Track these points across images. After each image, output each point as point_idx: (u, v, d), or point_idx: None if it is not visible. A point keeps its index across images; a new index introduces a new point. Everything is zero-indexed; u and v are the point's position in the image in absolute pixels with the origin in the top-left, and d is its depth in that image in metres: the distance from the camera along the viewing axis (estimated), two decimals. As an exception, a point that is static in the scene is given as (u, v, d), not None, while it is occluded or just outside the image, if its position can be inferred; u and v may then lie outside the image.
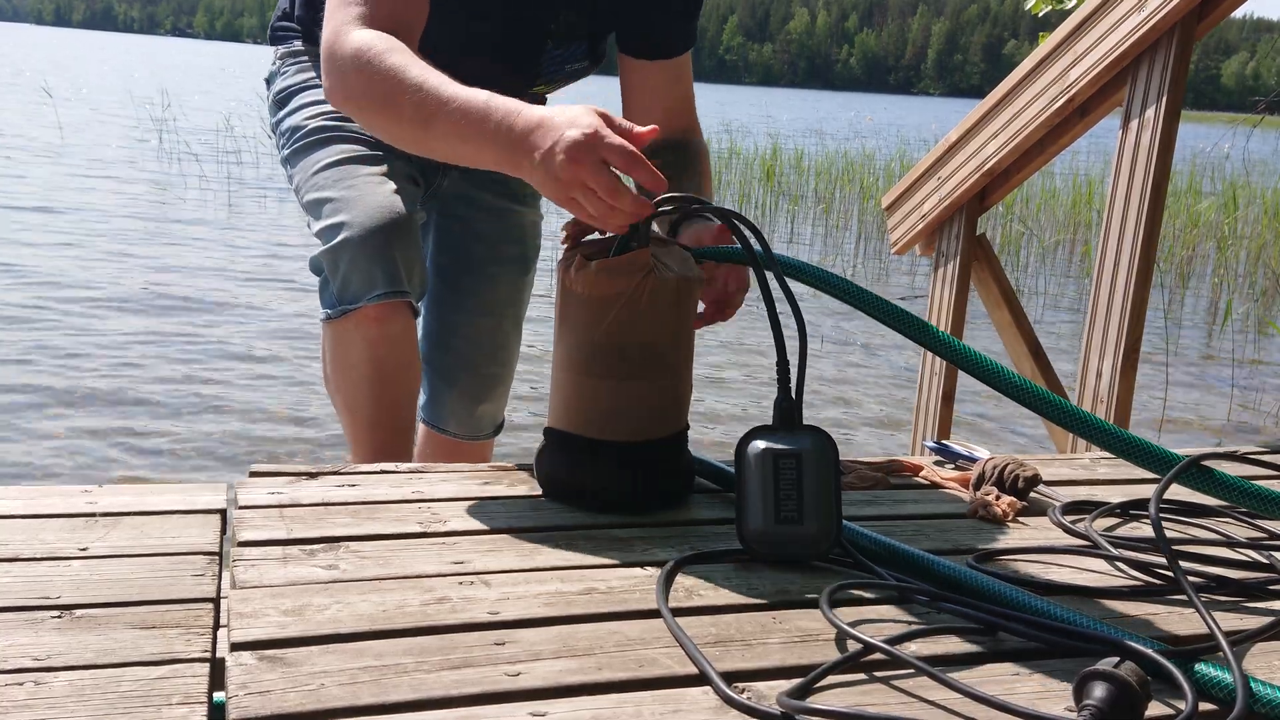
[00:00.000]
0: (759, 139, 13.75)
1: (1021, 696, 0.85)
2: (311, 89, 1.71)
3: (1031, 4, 4.68)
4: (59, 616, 0.92)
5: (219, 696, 0.82)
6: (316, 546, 1.08)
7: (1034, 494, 1.37)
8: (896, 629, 0.96)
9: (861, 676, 0.88)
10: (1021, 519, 1.30)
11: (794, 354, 1.14)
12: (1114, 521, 1.31)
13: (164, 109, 14.58)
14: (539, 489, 1.29)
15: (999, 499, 1.31)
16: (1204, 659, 0.89)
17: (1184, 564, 1.15)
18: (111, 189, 8.74)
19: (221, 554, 1.08)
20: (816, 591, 1.01)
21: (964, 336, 2.61)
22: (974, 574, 1.05)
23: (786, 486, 1.07)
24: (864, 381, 4.77)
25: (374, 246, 1.55)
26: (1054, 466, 1.54)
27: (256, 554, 1.05)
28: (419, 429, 1.91)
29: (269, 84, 1.81)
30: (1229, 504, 1.15)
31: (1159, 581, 1.11)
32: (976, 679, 0.87)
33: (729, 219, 1.21)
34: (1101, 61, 2.08)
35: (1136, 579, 1.12)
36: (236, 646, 0.87)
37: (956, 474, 1.44)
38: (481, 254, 1.86)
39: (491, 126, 1.21)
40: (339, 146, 1.63)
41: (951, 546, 1.19)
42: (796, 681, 0.84)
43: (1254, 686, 0.86)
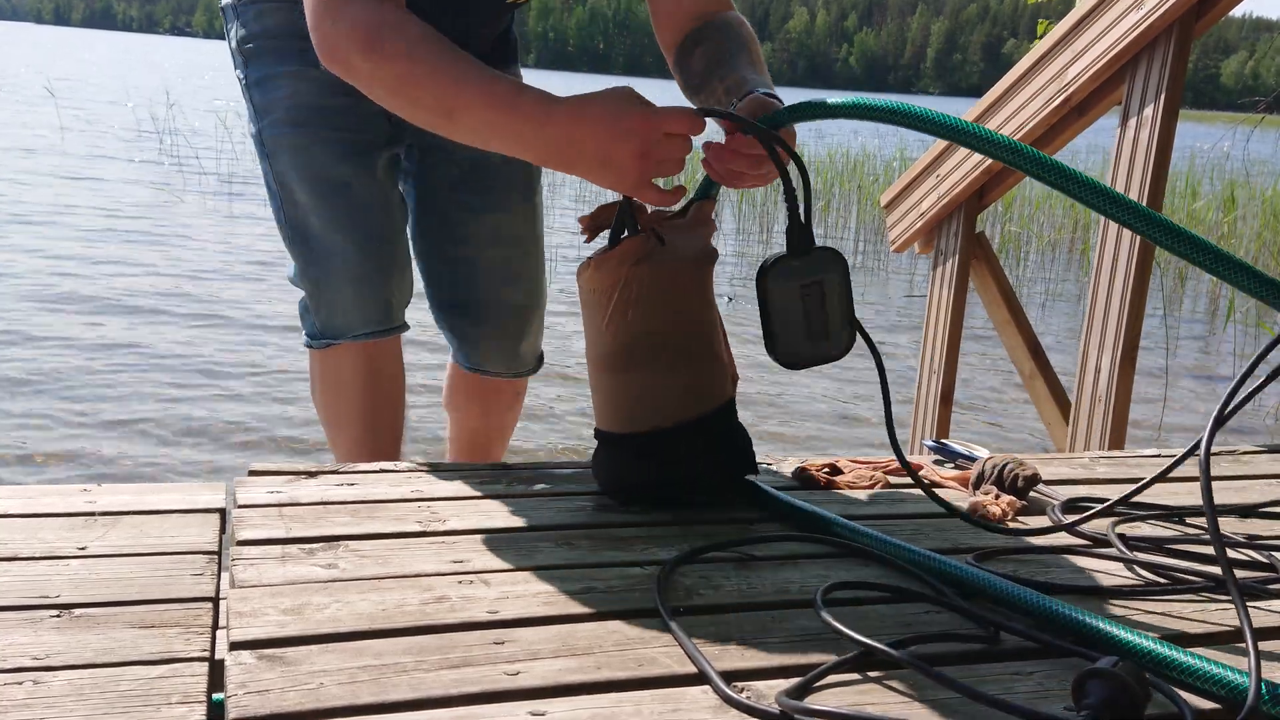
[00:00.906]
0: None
1: (1020, 696, 0.85)
2: (276, 51, 1.56)
3: None
4: (58, 616, 0.92)
5: (218, 696, 0.82)
6: (316, 545, 1.08)
7: (1033, 493, 1.37)
8: (896, 628, 0.96)
9: (860, 676, 0.88)
10: (1021, 518, 1.30)
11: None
12: (1114, 521, 1.31)
13: (167, 108, 14.57)
14: (538, 489, 1.29)
15: (998, 498, 1.31)
16: (1203, 657, 0.89)
17: (1183, 563, 1.15)
18: (110, 189, 8.73)
19: (220, 553, 1.08)
20: (815, 592, 1.01)
21: (962, 335, 2.61)
22: (976, 572, 1.05)
23: (813, 306, 1.19)
24: (863, 381, 4.77)
25: (364, 285, 1.57)
26: (1053, 466, 1.54)
27: (255, 553, 1.05)
28: (449, 370, 1.86)
29: (225, 19, 1.63)
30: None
31: (1161, 580, 1.11)
32: (976, 678, 0.87)
33: (756, 131, 1.18)
34: (1100, 60, 2.08)
35: (1137, 578, 1.12)
36: (235, 646, 0.86)
37: (956, 473, 1.44)
38: (477, 177, 1.69)
39: (522, 126, 1.15)
40: (317, 153, 1.54)
41: (951, 546, 1.19)
42: (795, 681, 0.84)
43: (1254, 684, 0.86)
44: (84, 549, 1.06)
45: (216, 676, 0.86)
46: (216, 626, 0.94)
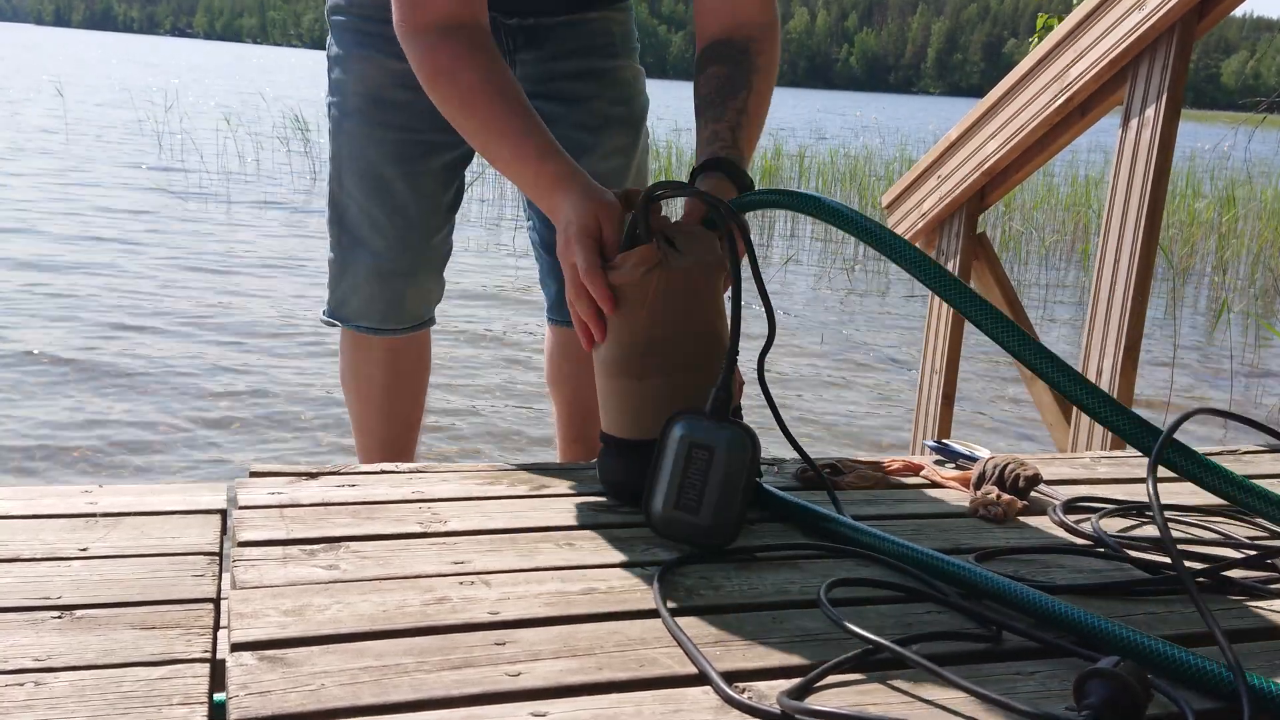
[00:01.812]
0: (760, 138, 13.70)
1: (1023, 696, 0.85)
2: (358, 31, 1.62)
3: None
4: (59, 617, 0.92)
5: (219, 697, 0.82)
6: (317, 546, 1.08)
7: (1034, 493, 1.37)
8: (898, 628, 0.96)
9: (862, 676, 0.88)
10: (1022, 518, 1.30)
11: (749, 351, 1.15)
12: (1114, 521, 1.31)
13: (166, 110, 14.57)
14: (539, 489, 1.29)
15: (1000, 498, 1.31)
16: (1206, 658, 0.89)
17: (1188, 564, 1.15)
18: (110, 189, 8.73)
19: (222, 554, 1.08)
20: (816, 591, 1.01)
21: (964, 334, 2.61)
22: (978, 572, 1.05)
23: (694, 477, 1.10)
24: (865, 380, 4.77)
25: (385, 285, 1.63)
26: (1054, 466, 1.54)
27: (257, 554, 1.05)
28: (548, 332, 1.85)
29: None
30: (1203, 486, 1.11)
31: (1162, 580, 1.11)
32: (978, 678, 0.87)
33: (718, 212, 1.21)
34: (1101, 60, 2.08)
35: (1138, 578, 1.12)
36: (237, 647, 0.86)
37: (957, 473, 1.44)
38: (578, 126, 1.67)
39: (533, 180, 1.27)
40: (370, 147, 1.60)
41: (952, 546, 1.19)
42: (797, 681, 0.84)
43: (1255, 683, 0.86)
44: (85, 550, 1.06)
45: (218, 677, 0.86)
46: (218, 627, 0.94)
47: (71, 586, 0.98)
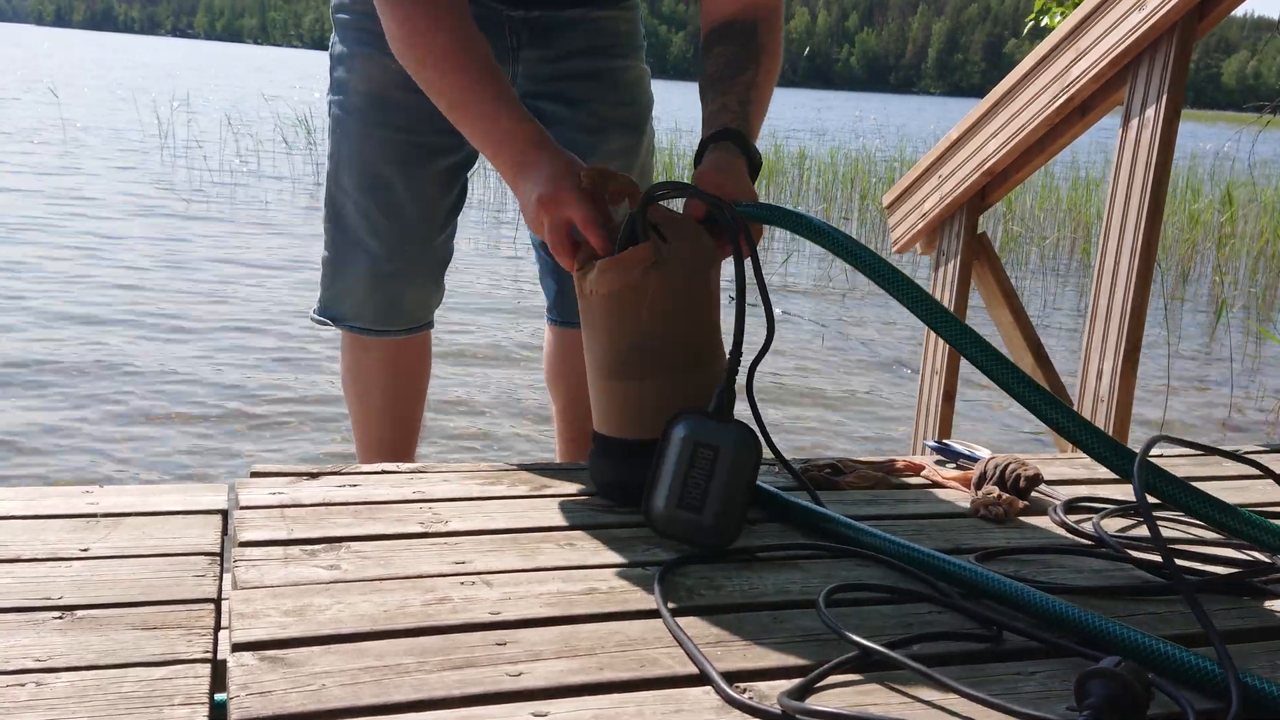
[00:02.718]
0: (761, 138, 13.72)
1: (1023, 696, 0.85)
2: (360, 29, 1.63)
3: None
4: (60, 617, 0.92)
5: (220, 697, 0.83)
6: (318, 547, 1.08)
7: (1035, 493, 1.37)
8: (899, 629, 0.96)
9: (863, 676, 0.88)
10: (1023, 518, 1.30)
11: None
12: (1115, 521, 1.31)
13: (172, 110, 14.58)
14: (539, 489, 1.29)
15: (1000, 498, 1.31)
16: (1207, 658, 0.89)
17: (1187, 563, 1.15)
18: (111, 190, 8.74)
19: (223, 554, 1.08)
20: (817, 592, 1.01)
21: (965, 336, 2.60)
22: (979, 572, 1.04)
23: (698, 476, 1.10)
24: (865, 380, 4.77)
25: (380, 286, 1.63)
26: (1055, 466, 1.54)
27: (258, 554, 1.05)
28: (547, 332, 1.85)
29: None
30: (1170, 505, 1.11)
31: (1162, 580, 1.11)
32: (979, 678, 0.87)
33: (720, 212, 1.21)
34: (1102, 60, 2.08)
35: (1139, 578, 1.12)
36: (238, 647, 0.87)
37: (958, 473, 1.44)
38: (581, 128, 1.66)
39: (504, 151, 1.29)
40: (369, 147, 1.60)
41: (953, 546, 1.19)
42: (797, 681, 0.85)
43: (1254, 684, 0.86)
44: (86, 550, 1.06)
45: (219, 678, 0.86)
46: (219, 628, 0.94)
47: (73, 587, 0.98)
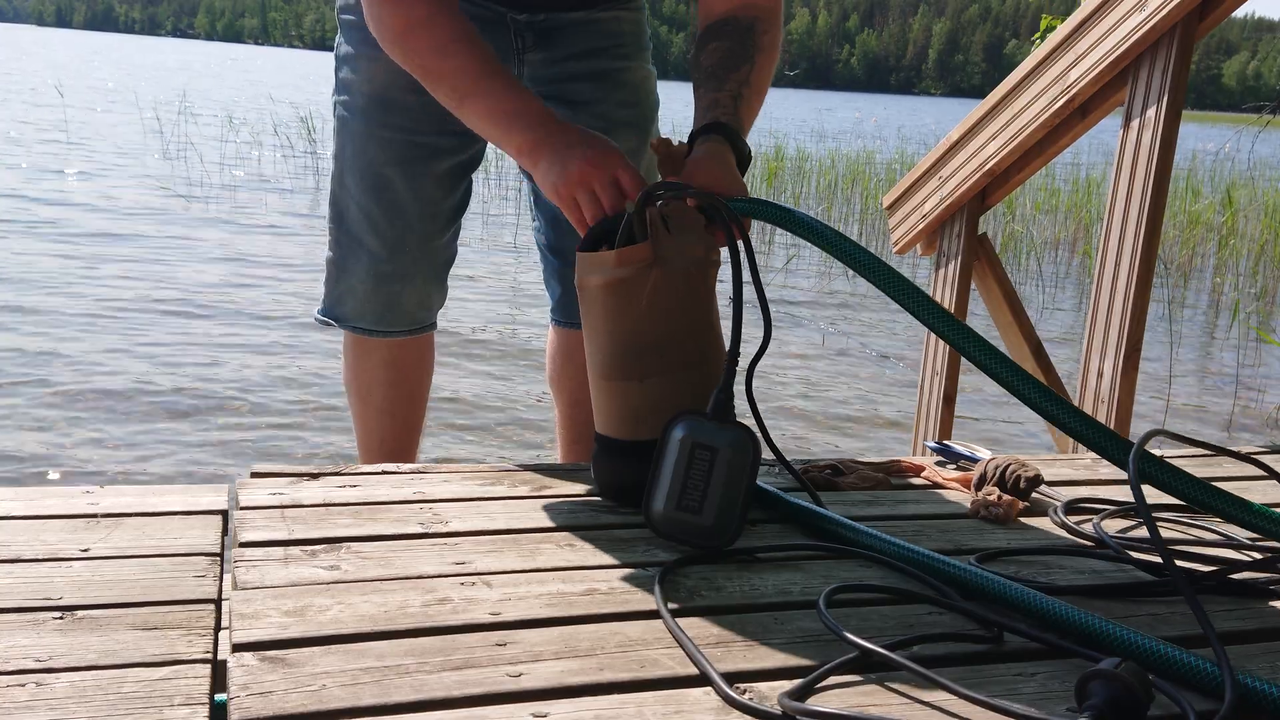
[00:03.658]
0: (761, 138, 13.77)
1: (1023, 697, 0.85)
2: (364, 28, 1.61)
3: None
4: (61, 617, 0.92)
5: (220, 697, 0.83)
6: (318, 547, 1.08)
7: (1035, 494, 1.37)
8: (899, 629, 0.96)
9: (863, 677, 0.88)
10: (1023, 519, 1.30)
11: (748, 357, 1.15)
12: (1115, 522, 1.31)
13: (177, 110, 14.59)
14: (540, 490, 1.29)
15: (1000, 499, 1.31)
16: (1207, 659, 0.89)
17: (1187, 564, 1.15)
18: (112, 190, 8.74)
19: (223, 555, 1.08)
20: (818, 592, 1.01)
21: (965, 336, 2.60)
22: (979, 573, 1.04)
23: (696, 477, 1.10)
24: (865, 380, 4.77)
25: (382, 287, 1.63)
26: (1055, 467, 1.54)
27: (258, 555, 1.05)
28: (550, 332, 1.84)
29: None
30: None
31: (1162, 581, 1.11)
32: (979, 679, 0.87)
33: (717, 211, 1.21)
34: (1102, 61, 2.08)
35: (1139, 579, 1.12)
36: (238, 647, 0.87)
37: (958, 474, 1.44)
38: (593, 118, 1.64)
39: (515, 129, 1.31)
40: (373, 146, 1.60)
41: (954, 547, 1.19)
42: (798, 682, 0.84)
43: (1252, 684, 0.86)
44: (87, 551, 1.06)
45: (219, 678, 0.86)
46: (219, 628, 0.94)
47: (73, 587, 0.98)
